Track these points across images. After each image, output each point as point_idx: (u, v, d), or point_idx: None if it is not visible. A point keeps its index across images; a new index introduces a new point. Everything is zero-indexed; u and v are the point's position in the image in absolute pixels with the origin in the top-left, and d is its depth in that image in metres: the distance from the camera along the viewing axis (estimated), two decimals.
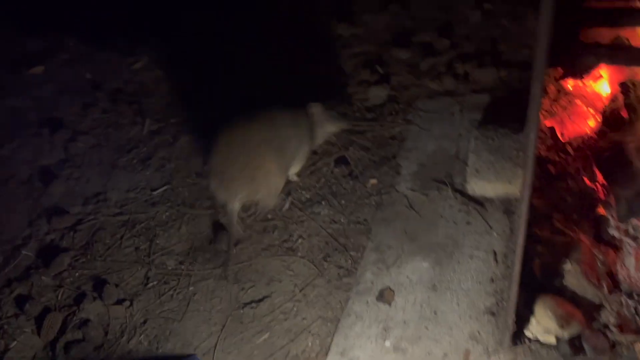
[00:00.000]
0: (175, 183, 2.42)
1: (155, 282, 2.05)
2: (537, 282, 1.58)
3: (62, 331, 1.94)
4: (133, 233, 2.25)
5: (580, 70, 1.44)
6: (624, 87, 1.63)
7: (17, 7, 3.55)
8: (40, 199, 2.49)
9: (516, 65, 2.55)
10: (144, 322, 1.93)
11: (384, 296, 1.75)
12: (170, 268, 2.09)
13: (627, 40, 1.49)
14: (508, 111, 2.24)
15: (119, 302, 2.00)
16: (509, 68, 2.53)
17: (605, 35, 1.52)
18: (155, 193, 2.41)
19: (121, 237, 2.24)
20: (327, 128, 2.25)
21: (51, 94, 3.09)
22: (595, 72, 1.65)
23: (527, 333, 1.53)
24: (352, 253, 1.95)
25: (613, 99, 1.71)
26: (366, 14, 3.13)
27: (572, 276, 1.54)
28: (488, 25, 2.84)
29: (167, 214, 2.30)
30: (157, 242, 2.20)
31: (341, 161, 2.31)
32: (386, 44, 2.89)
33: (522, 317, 1.52)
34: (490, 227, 1.87)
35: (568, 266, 1.55)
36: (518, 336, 1.53)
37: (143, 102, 2.91)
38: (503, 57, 2.61)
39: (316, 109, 2.19)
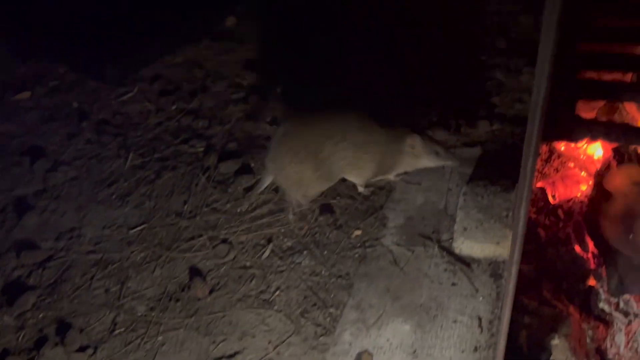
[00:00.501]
0: (154, 222, 2.33)
1: (122, 329, 1.94)
2: (523, 355, 1.49)
3: None
4: (104, 274, 2.15)
5: (575, 142, 1.39)
6: (618, 154, 1.59)
7: (8, 31, 3.51)
8: (12, 230, 2.40)
9: (509, 120, 2.51)
10: None
11: None
12: (139, 314, 1.98)
13: (628, 114, 1.46)
14: (500, 167, 2.19)
15: (82, 349, 1.89)
16: (502, 122, 2.50)
17: (604, 108, 1.49)
18: (131, 232, 2.32)
19: (91, 278, 2.14)
20: (421, 162, 2.11)
21: (36, 122, 3.03)
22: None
23: None
24: (331, 310, 1.86)
25: (606, 164, 1.66)
26: None
27: (560, 351, 1.45)
28: (481, 76, 2.81)
29: (142, 254, 2.21)
30: (129, 285, 2.10)
31: (326, 209, 2.24)
32: None
33: None
34: (476, 291, 1.79)
35: (556, 340, 1.47)
36: None
37: (128, 136, 2.85)
38: (496, 110, 2.57)
39: (415, 141, 2.04)
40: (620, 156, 1.59)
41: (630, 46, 1.24)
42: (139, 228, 2.32)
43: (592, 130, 0.96)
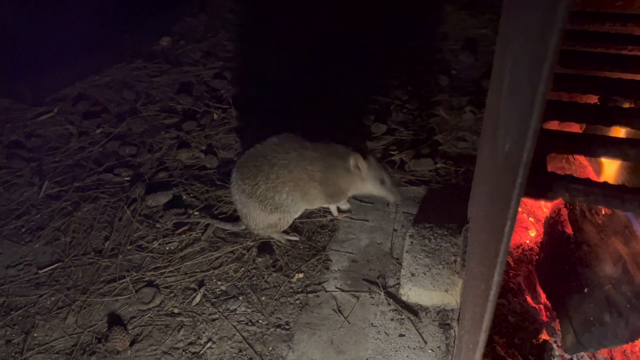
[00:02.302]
0: (69, 261, 2.07)
1: None
2: None
3: None
4: (6, 322, 1.87)
5: (550, 201, 1.33)
6: (569, 202, 1.55)
7: None
8: None
9: (453, 158, 2.47)
10: None
11: None
12: None
13: (576, 162, 1.42)
14: (445, 208, 2.13)
15: None
16: (446, 160, 2.45)
17: (579, 164, 1.45)
18: (41, 272, 2.04)
19: None
20: (366, 186, 1.99)
21: None
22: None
23: None
24: None
25: (556, 211, 1.62)
26: None
27: None
28: (425, 113, 2.78)
29: (52, 299, 1.94)
30: (35, 334, 1.83)
31: (265, 248, 2.08)
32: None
33: None
34: (425, 342, 1.68)
35: None
36: None
37: (44, 160, 2.57)
38: (440, 147, 2.53)
39: (359, 160, 1.92)
40: (570, 203, 1.56)
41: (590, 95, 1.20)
42: (50, 268, 2.05)
43: (570, 189, 0.89)
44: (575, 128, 1.39)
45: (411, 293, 1.79)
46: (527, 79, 0.78)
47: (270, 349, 1.72)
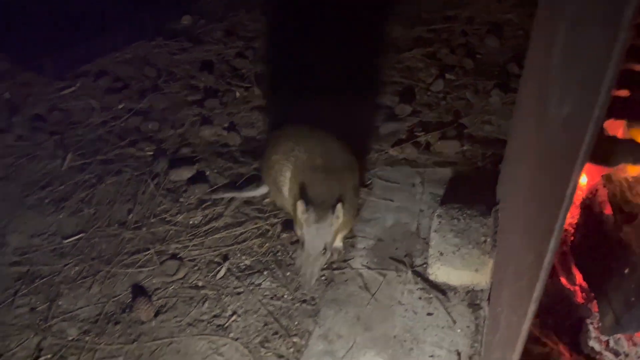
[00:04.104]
0: (92, 232, 2.06)
1: (49, 356, 1.67)
2: None
3: None
4: (31, 289, 1.87)
5: (611, 166, 1.30)
6: (608, 181, 1.51)
7: None
8: None
9: (479, 141, 2.43)
10: None
11: None
12: (70, 338, 1.71)
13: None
14: (472, 190, 2.09)
15: None
16: (472, 143, 2.41)
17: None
18: (65, 242, 2.04)
19: (15, 293, 1.85)
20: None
21: None
22: None
23: None
24: (295, 339, 1.67)
25: (593, 191, 1.58)
26: None
27: None
28: (450, 96, 2.74)
29: (76, 268, 1.94)
30: (60, 303, 1.82)
31: (290, 225, 2.05)
32: None
33: None
34: (454, 322, 1.65)
35: None
36: None
37: (67, 134, 2.56)
38: (466, 130, 2.49)
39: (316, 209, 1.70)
40: (609, 183, 1.52)
41: None
42: (74, 238, 2.05)
43: (635, 153, 0.85)
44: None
45: (439, 272, 1.77)
46: (599, 33, 0.74)
47: (296, 323, 1.71)
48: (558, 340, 1.40)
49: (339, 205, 1.68)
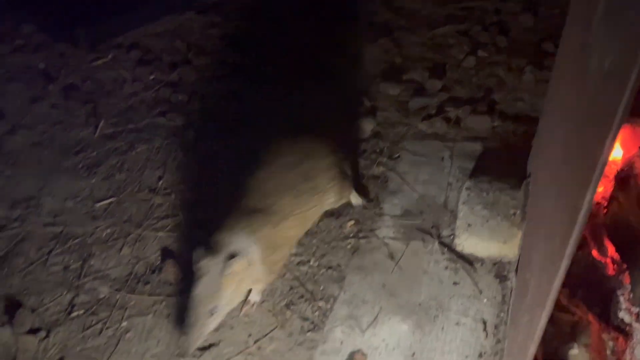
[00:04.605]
0: (124, 197, 2.11)
1: (81, 312, 1.72)
2: None
3: None
4: (64, 249, 1.92)
5: None
6: None
7: None
8: None
9: (511, 117, 2.39)
10: (60, 359, 1.58)
11: None
12: (102, 296, 1.76)
13: None
14: (502, 165, 2.06)
15: (33, 331, 1.65)
16: (504, 119, 2.38)
17: None
18: (98, 205, 2.08)
19: (49, 253, 1.91)
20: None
21: None
22: None
23: None
24: (320, 303, 1.68)
25: (628, 164, 1.55)
26: None
27: None
28: (482, 72, 2.69)
29: (108, 231, 1.98)
30: (91, 263, 1.87)
31: None
32: (373, 77, 2.70)
33: None
34: (480, 292, 1.64)
35: (575, 350, 1.33)
36: None
37: (99, 103, 2.60)
38: (497, 107, 2.45)
39: (202, 259, 1.45)
40: None
41: None
42: (106, 202, 2.09)
43: None
44: None
45: (466, 243, 1.76)
46: None
47: (321, 288, 1.72)
48: (587, 310, 1.38)
49: (235, 260, 1.41)
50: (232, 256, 1.42)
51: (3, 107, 2.56)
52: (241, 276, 1.44)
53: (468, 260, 1.74)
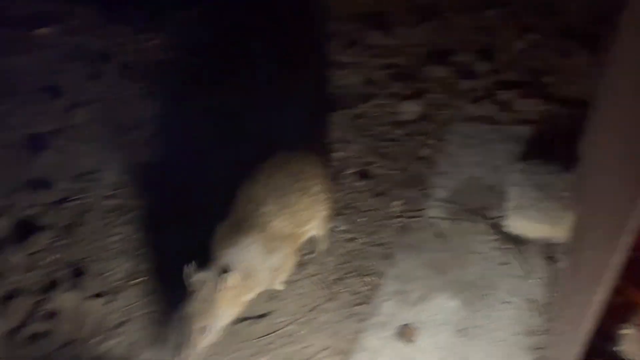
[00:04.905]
0: (180, 171, 2.19)
1: (143, 278, 1.81)
2: (589, 343, 1.36)
3: (28, 319, 1.69)
4: (125, 220, 2.01)
5: None
6: None
7: None
8: (26, 168, 2.25)
9: (562, 101, 2.36)
10: (124, 322, 1.69)
11: (405, 334, 1.53)
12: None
13: None
14: (553, 148, 2.05)
15: (98, 295, 1.75)
16: (555, 103, 2.35)
17: None
18: (156, 179, 2.17)
19: (110, 223, 2.01)
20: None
21: (55, 59, 2.86)
22: None
23: None
24: (369, 279, 1.73)
25: None
26: (401, 27, 2.95)
27: (631, 342, 1.33)
28: (532, 56, 2.66)
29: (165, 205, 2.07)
30: (151, 233, 1.96)
31: (364, 175, 2.10)
32: (422, 59, 2.70)
33: None
34: (529, 272, 1.66)
35: (626, 330, 1.34)
36: None
37: (152, 82, 2.69)
38: (548, 90, 2.43)
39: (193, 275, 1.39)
40: None
41: None
42: (164, 176, 2.18)
43: None
44: None
45: (516, 224, 1.77)
46: None
47: (371, 264, 1.77)
48: (638, 292, 1.39)
49: (229, 275, 1.36)
50: (224, 271, 1.36)
51: (62, 85, 2.67)
52: (237, 290, 1.39)
53: (517, 241, 1.75)
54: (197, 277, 1.37)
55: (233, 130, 2.33)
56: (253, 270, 1.44)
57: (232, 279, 1.36)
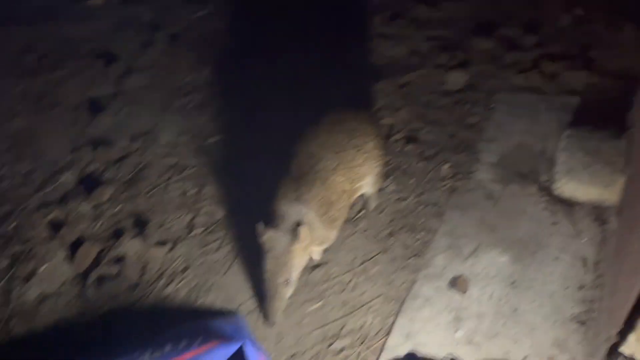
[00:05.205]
0: (229, 136, 2.27)
1: (200, 230, 1.90)
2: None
3: (96, 264, 1.79)
4: (181, 177, 2.11)
5: None
6: None
7: None
8: (87, 128, 2.37)
9: (609, 74, 2.37)
10: (185, 269, 1.78)
11: (457, 284, 1.59)
12: (218, 218, 1.94)
13: None
14: (603, 116, 2.07)
15: (160, 244, 1.85)
16: (601, 76, 2.36)
17: None
18: (209, 141, 2.26)
19: (168, 179, 2.10)
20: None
21: (109, 28, 2.97)
22: None
23: (623, 350, 1.35)
24: (421, 234, 1.79)
25: None
26: (447, 0, 2.97)
27: None
28: (579, 29, 2.66)
29: (219, 163, 2.15)
30: (207, 189, 2.05)
31: (412, 139, 2.15)
32: (468, 32, 2.72)
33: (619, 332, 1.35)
34: (579, 232, 1.70)
35: None
36: (612, 352, 1.36)
37: (204, 50, 2.77)
38: (595, 63, 2.43)
39: (266, 233, 1.47)
40: None
41: None
42: (215, 138, 2.27)
43: None
44: None
45: (566, 187, 1.80)
46: None
47: (422, 221, 1.83)
48: None
49: (301, 229, 1.43)
50: (296, 225, 1.44)
51: (118, 51, 2.77)
52: (307, 242, 1.47)
53: (567, 203, 1.79)
54: (269, 235, 1.45)
55: (285, 95, 2.40)
56: (315, 223, 1.51)
57: (303, 232, 1.43)
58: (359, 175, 1.67)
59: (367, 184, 1.74)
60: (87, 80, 2.62)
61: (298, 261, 1.47)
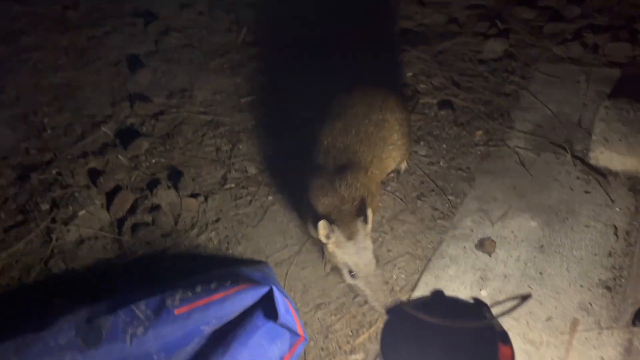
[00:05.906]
0: (265, 95, 2.30)
1: (233, 185, 1.94)
2: None
3: (131, 211, 1.85)
4: (216, 134, 2.15)
5: None
6: None
7: None
8: (126, 83, 2.42)
9: None
10: (217, 220, 1.82)
11: (484, 245, 1.59)
12: (250, 174, 1.98)
13: None
14: None
15: (194, 195, 1.90)
16: None
17: None
18: (243, 100, 2.29)
19: (203, 135, 2.14)
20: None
21: None
22: None
23: None
24: (450, 197, 1.79)
25: None
26: None
27: None
28: (624, 2, 2.58)
29: (253, 122, 2.19)
30: (240, 147, 2.09)
31: (446, 105, 2.14)
32: (509, 0, 2.67)
33: None
34: (612, 201, 1.68)
35: None
36: (638, 316, 1.36)
37: (241, 13, 2.79)
38: (639, 36, 2.36)
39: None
40: None
41: None
42: (250, 98, 2.30)
43: None
44: None
45: (601, 157, 1.78)
46: None
47: (451, 185, 1.83)
48: None
49: (369, 211, 1.42)
50: (363, 206, 1.43)
51: (157, 11, 2.82)
52: (370, 227, 1.46)
53: (601, 173, 1.77)
54: (336, 233, 1.40)
55: (319, 59, 2.41)
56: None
57: (370, 216, 1.42)
58: (388, 165, 1.69)
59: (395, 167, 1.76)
60: (127, 38, 2.68)
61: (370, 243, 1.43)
